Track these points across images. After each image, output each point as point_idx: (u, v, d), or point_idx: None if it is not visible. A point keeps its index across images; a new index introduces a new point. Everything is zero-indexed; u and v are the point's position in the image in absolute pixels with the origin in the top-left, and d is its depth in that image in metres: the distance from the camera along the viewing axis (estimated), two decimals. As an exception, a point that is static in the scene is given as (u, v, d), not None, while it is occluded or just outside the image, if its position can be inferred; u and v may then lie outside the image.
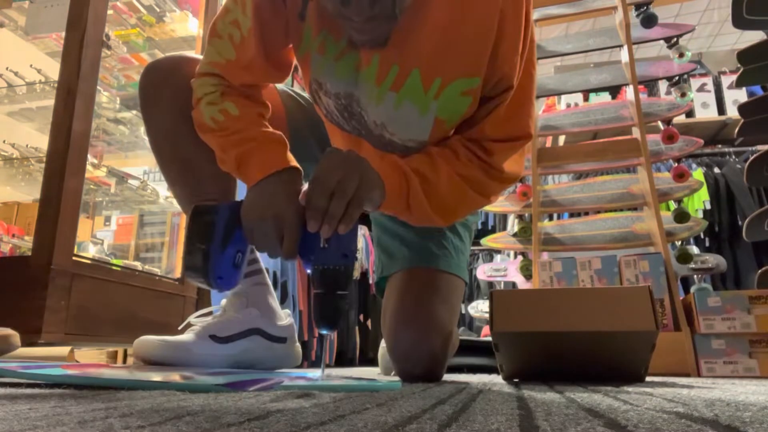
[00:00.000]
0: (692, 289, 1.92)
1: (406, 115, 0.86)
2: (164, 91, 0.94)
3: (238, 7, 0.85)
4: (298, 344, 1.05)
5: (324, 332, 0.72)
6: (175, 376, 0.64)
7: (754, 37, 1.85)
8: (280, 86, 1.09)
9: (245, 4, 0.84)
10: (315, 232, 0.71)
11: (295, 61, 0.94)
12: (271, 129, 0.85)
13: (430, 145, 0.89)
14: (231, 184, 0.99)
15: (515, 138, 0.87)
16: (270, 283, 1.04)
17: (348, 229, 0.72)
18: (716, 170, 3.14)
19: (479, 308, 3.05)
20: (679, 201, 2.03)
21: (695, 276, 2.20)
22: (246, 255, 0.81)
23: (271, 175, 0.78)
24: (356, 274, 3.03)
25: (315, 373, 0.83)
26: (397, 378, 0.99)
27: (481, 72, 0.81)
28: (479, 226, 4.07)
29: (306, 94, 1.11)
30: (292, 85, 2.93)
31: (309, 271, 0.74)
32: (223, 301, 1.00)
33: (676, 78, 2.12)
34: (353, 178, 0.72)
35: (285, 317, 1.03)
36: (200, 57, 0.95)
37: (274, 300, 1.03)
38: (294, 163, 0.81)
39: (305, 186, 0.77)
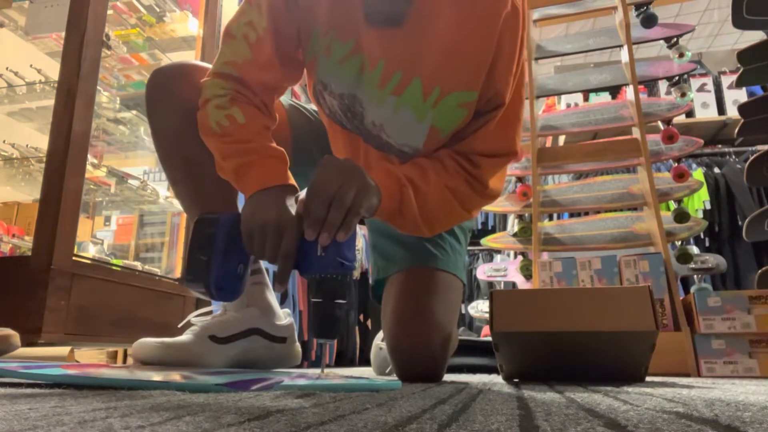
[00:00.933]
0: (692, 289, 1.92)
1: (403, 120, 0.89)
2: (170, 94, 0.95)
3: (253, 9, 0.88)
4: (297, 344, 1.05)
5: (322, 341, 0.72)
6: (175, 376, 0.64)
7: (754, 37, 1.85)
8: (284, 99, 1.10)
9: (261, 5, 0.87)
10: (313, 240, 0.71)
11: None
12: (273, 144, 0.85)
13: (420, 156, 0.91)
14: (233, 186, 0.99)
15: (502, 154, 0.91)
16: (269, 282, 1.04)
17: (346, 237, 0.72)
18: (716, 170, 3.14)
19: (479, 308, 3.05)
20: (679, 201, 2.03)
21: (695, 276, 2.20)
22: (249, 266, 0.81)
23: (267, 188, 0.78)
24: (356, 274, 3.03)
25: (315, 373, 0.83)
26: (395, 377, 0.99)
27: (478, 86, 0.86)
28: (479, 226, 4.07)
29: (309, 106, 1.14)
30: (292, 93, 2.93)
31: (307, 279, 0.74)
32: (224, 301, 1.00)
33: (676, 78, 2.12)
34: (351, 186, 0.72)
35: (284, 317, 1.03)
36: (205, 65, 0.97)
37: (274, 299, 1.03)
38: (292, 181, 0.82)
39: (301, 194, 0.77)
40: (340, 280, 0.72)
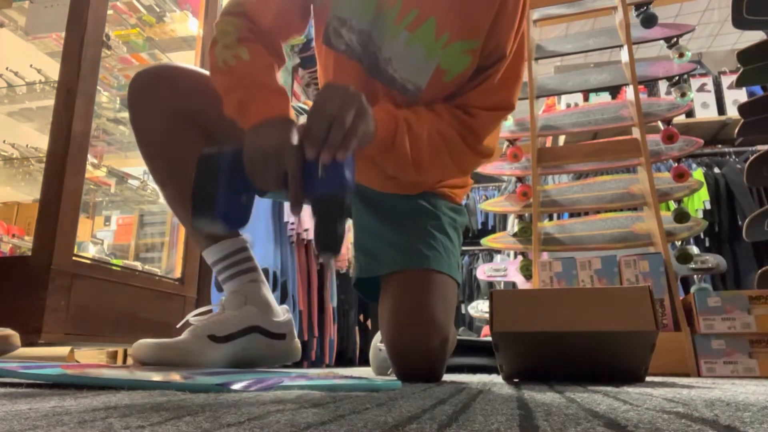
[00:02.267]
0: (692, 289, 1.92)
1: (412, 55, 0.94)
2: (152, 96, 0.97)
3: None
4: (297, 340, 1.05)
5: (327, 257, 0.76)
6: (175, 376, 0.64)
7: (754, 37, 1.85)
8: None
9: None
10: (313, 159, 0.75)
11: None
12: (277, 82, 0.89)
13: (418, 105, 0.97)
14: None
15: (500, 108, 0.97)
16: (265, 280, 1.04)
17: (345, 157, 0.76)
18: (716, 170, 3.13)
19: (479, 308, 3.05)
20: (679, 201, 2.03)
21: (695, 276, 2.20)
22: (253, 196, 0.85)
23: (268, 119, 0.81)
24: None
25: (315, 373, 0.83)
26: (395, 378, 0.99)
27: (482, 36, 0.93)
28: (479, 226, 4.07)
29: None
30: (292, 85, 2.93)
31: (309, 202, 0.79)
32: (222, 299, 1.00)
33: (676, 78, 2.12)
34: (350, 108, 0.76)
35: (283, 313, 1.03)
36: (187, 67, 1.01)
37: (271, 297, 1.03)
38: (293, 116, 0.85)
39: (301, 120, 0.80)
40: (340, 199, 0.76)
